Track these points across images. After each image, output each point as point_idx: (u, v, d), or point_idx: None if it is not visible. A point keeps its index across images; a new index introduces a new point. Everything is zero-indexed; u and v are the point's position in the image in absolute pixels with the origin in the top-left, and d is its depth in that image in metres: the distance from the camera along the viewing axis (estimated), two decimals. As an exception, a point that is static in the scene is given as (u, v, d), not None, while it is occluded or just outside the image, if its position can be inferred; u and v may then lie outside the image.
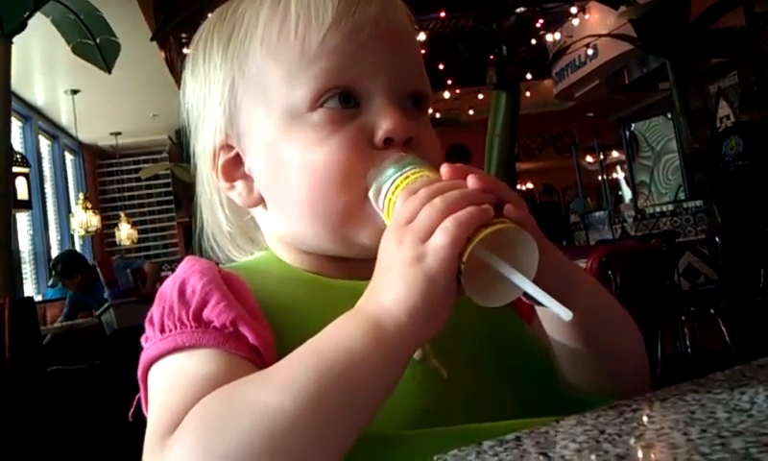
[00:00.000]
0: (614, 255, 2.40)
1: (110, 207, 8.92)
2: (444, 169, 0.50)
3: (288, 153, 0.58)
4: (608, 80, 8.86)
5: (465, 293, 0.46)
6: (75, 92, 6.79)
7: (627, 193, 8.56)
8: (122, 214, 8.57)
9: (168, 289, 0.54)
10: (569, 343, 0.55)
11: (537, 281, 0.46)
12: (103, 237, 8.51)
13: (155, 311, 0.54)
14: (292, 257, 0.61)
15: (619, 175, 9.58)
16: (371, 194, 0.55)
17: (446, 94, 8.94)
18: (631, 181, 7.98)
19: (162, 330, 0.52)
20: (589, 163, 10.36)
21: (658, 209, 7.34)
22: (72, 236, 7.82)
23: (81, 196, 7.67)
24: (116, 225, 8.40)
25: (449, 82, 8.62)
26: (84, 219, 7.37)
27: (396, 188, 0.52)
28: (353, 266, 0.58)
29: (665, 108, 7.64)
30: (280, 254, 0.62)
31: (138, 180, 9.12)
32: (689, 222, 6.80)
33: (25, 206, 5.91)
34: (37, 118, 7.35)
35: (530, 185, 11.61)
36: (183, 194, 8.78)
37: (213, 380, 0.47)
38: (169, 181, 9.07)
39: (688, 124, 6.86)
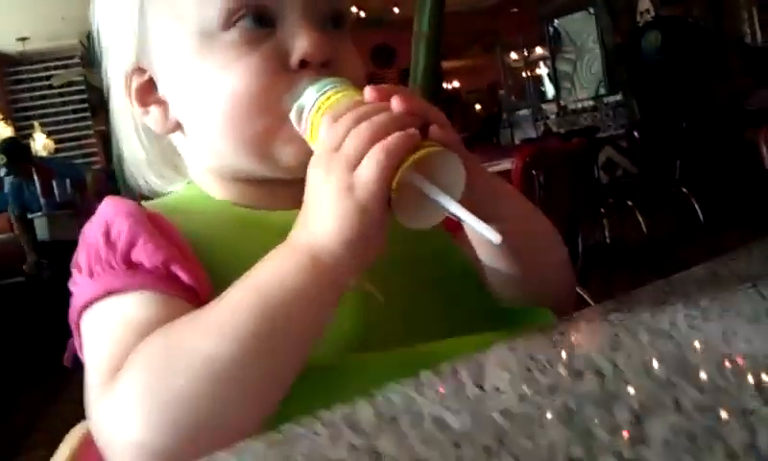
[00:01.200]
0: (538, 157, 2.45)
1: (23, 117, 8.49)
2: (368, 91, 0.49)
3: (202, 75, 0.56)
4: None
5: (394, 217, 0.47)
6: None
7: (550, 90, 8.66)
8: (36, 124, 8.18)
9: (93, 232, 0.52)
10: (495, 257, 0.56)
11: (463, 200, 0.46)
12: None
13: (80, 256, 0.52)
14: (217, 188, 0.60)
15: (543, 71, 9.65)
16: (291, 116, 0.54)
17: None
18: (554, 77, 8.06)
19: (91, 275, 0.50)
20: (514, 60, 10.39)
21: (579, 105, 7.48)
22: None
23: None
24: (30, 135, 8.02)
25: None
26: (-6, 131, 7.01)
27: (318, 110, 0.51)
28: (280, 193, 0.57)
29: (589, 2, 7.67)
30: (205, 185, 0.61)
31: (51, 87, 8.69)
32: (609, 116, 6.97)
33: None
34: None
35: (456, 84, 11.59)
36: (99, 101, 8.42)
37: (151, 324, 0.46)
38: (83, 87, 8.67)
39: (610, 18, 6.93)
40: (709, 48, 5.58)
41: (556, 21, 8.10)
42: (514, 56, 10.55)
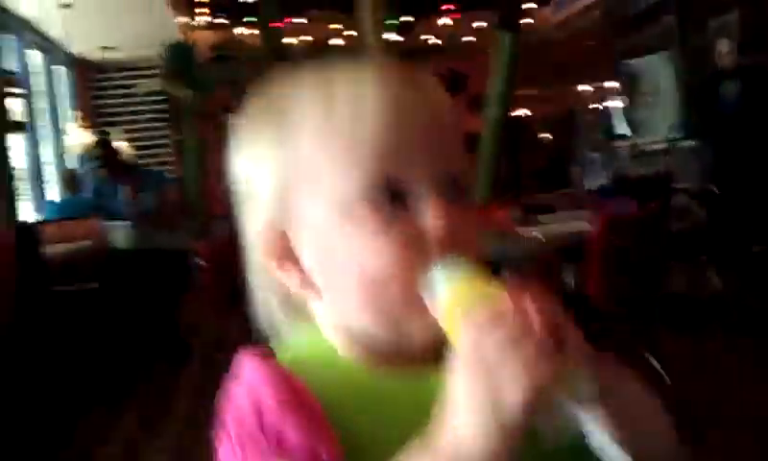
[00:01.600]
0: (616, 223, 2.48)
1: (104, 124, 8.82)
2: (507, 304, 0.51)
3: (339, 245, 0.60)
4: (609, 10, 8.74)
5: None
6: (66, 6, 6.66)
7: (621, 127, 8.57)
8: (116, 130, 8.49)
9: (244, 408, 0.57)
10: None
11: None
12: (98, 156, 8.44)
13: (230, 422, 0.58)
14: (345, 346, 0.64)
15: (615, 108, 9.55)
16: (424, 294, 0.58)
17: (447, 20, 8.85)
18: (627, 116, 7.98)
19: (242, 448, 0.56)
20: (587, 94, 10.30)
21: (652, 147, 7.38)
22: (62, 155, 7.77)
23: (74, 113, 7.57)
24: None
25: (450, 7, 8.51)
26: (78, 137, 7.29)
27: (453, 296, 0.55)
28: (406, 352, 0.61)
29: (666, 44, 7.58)
30: (331, 338, 0.65)
31: (131, 96, 9.02)
32: (682, 161, 6.85)
33: (20, 128, 5.82)
34: (28, 32, 7.20)
35: (527, 112, 11.54)
36: (177, 112, 8.70)
37: None
38: (165, 97, 8.96)
39: (687, 62, 6.83)
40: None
41: (632, 60, 8.02)
42: (586, 88, 10.47)
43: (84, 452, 3.48)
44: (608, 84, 9.50)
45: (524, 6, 6.66)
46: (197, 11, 8.20)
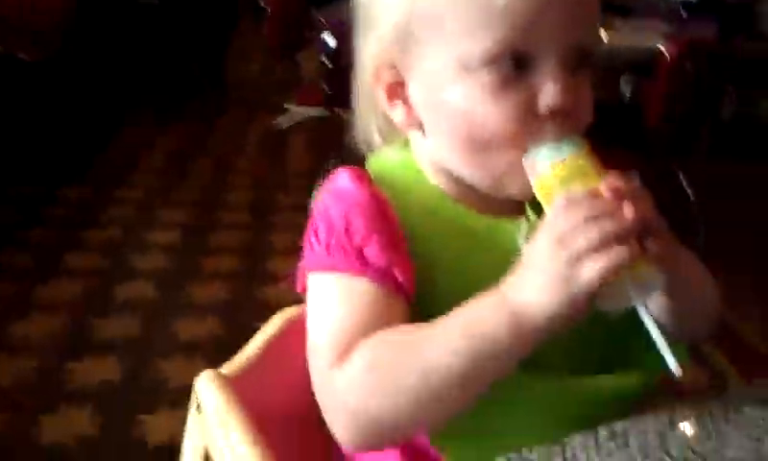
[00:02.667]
0: (694, 50, 2.40)
1: None
2: (605, 189, 0.54)
3: (454, 98, 0.61)
4: None
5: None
6: None
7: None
8: None
9: (335, 216, 0.62)
10: (665, 305, 0.61)
11: None
12: None
13: (321, 229, 0.63)
14: (435, 176, 0.67)
15: None
16: (526, 162, 0.60)
17: None
18: None
19: (328, 251, 0.62)
20: None
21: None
22: None
23: None
24: None
25: None
26: None
27: (553, 170, 0.58)
28: (492, 201, 0.65)
29: None
30: (425, 168, 0.68)
31: None
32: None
33: None
34: None
35: None
36: None
37: (378, 311, 0.59)
38: None
39: None
40: None
41: None
42: None
43: (128, 155, 3.68)
44: None
45: None
46: None
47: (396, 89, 0.66)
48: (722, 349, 2.22)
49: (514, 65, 0.59)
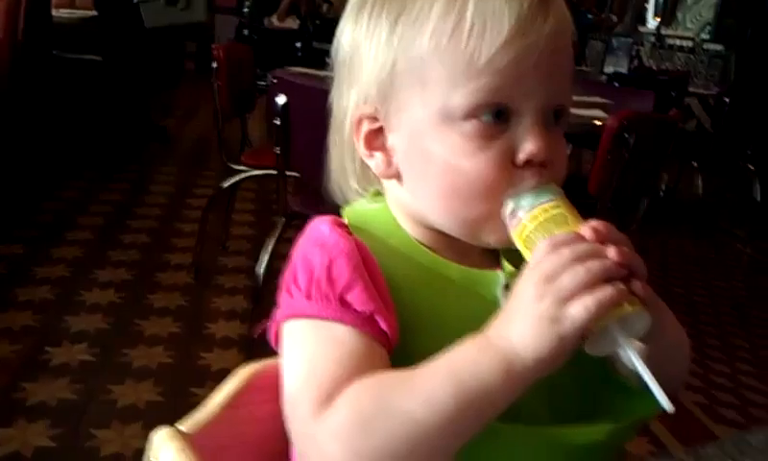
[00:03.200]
0: (633, 121, 2.49)
1: None
2: (588, 231, 0.55)
3: (434, 148, 0.62)
4: None
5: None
6: None
7: (651, 14, 8.30)
8: None
9: (316, 263, 0.61)
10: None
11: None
12: None
13: (300, 276, 0.61)
14: (411, 226, 0.67)
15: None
16: (505, 211, 0.60)
17: None
18: (662, 5, 7.72)
19: (309, 298, 0.60)
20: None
21: (678, 43, 7.22)
22: None
23: None
24: None
25: None
26: None
27: (534, 219, 0.58)
28: (467, 250, 0.65)
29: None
30: (400, 218, 0.67)
31: None
32: (704, 64, 6.75)
33: None
34: None
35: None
36: None
37: (360, 358, 0.57)
38: None
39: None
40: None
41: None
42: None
43: (66, 212, 3.59)
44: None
45: None
46: None
47: (376, 139, 0.66)
48: (662, 417, 2.25)
49: (494, 118, 0.60)
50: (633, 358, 0.53)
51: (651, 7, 8.78)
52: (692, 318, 3.34)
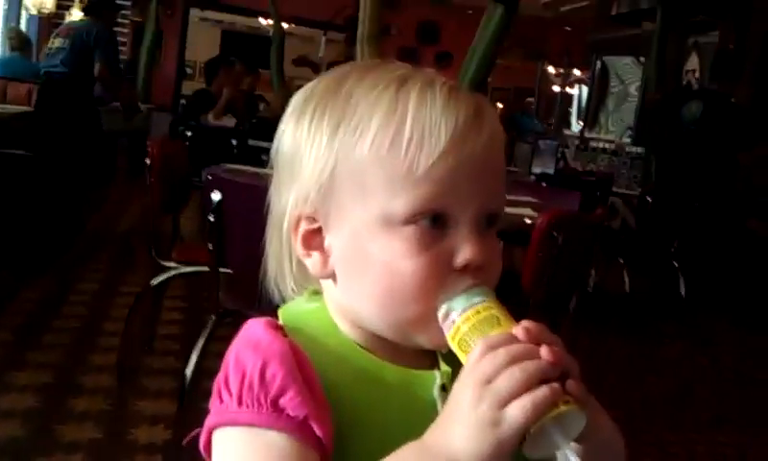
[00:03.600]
0: (561, 221, 2.56)
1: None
2: (521, 332, 0.56)
3: (373, 250, 0.62)
4: (598, 3, 8.75)
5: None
6: None
7: (575, 118, 8.72)
8: (77, -1, 8.11)
9: (249, 366, 0.59)
10: None
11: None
12: (52, 19, 8.04)
13: (232, 379, 0.59)
14: (347, 327, 0.66)
15: (576, 96, 9.68)
16: (439, 313, 0.61)
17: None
18: (585, 110, 8.12)
19: (240, 403, 0.58)
20: (551, 75, 10.40)
21: (601, 145, 7.56)
22: (19, 14, 7.42)
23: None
24: (69, 8, 7.94)
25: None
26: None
27: (467, 321, 0.59)
28: (402, 351, 0.65)
29: (641, 50, 7.68)
30: (336, 318, 0.67)
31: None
32: (626, 165, 7.06)
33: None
34: None
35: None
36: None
37: None
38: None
39: (657, 74, 6.96)
40: (747, 133, 5.56)
41: (605, 57, 8.12)
42: (552, 70, 10.57)
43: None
44: (576, 73, 9.60)
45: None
46: None
47: (313, 239, 0.66)
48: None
49: (432, 223, 0.61)
50: (570, 458, 0.53)
51: (575, 111, 9.23)
52: (625, 413, 3.36)
